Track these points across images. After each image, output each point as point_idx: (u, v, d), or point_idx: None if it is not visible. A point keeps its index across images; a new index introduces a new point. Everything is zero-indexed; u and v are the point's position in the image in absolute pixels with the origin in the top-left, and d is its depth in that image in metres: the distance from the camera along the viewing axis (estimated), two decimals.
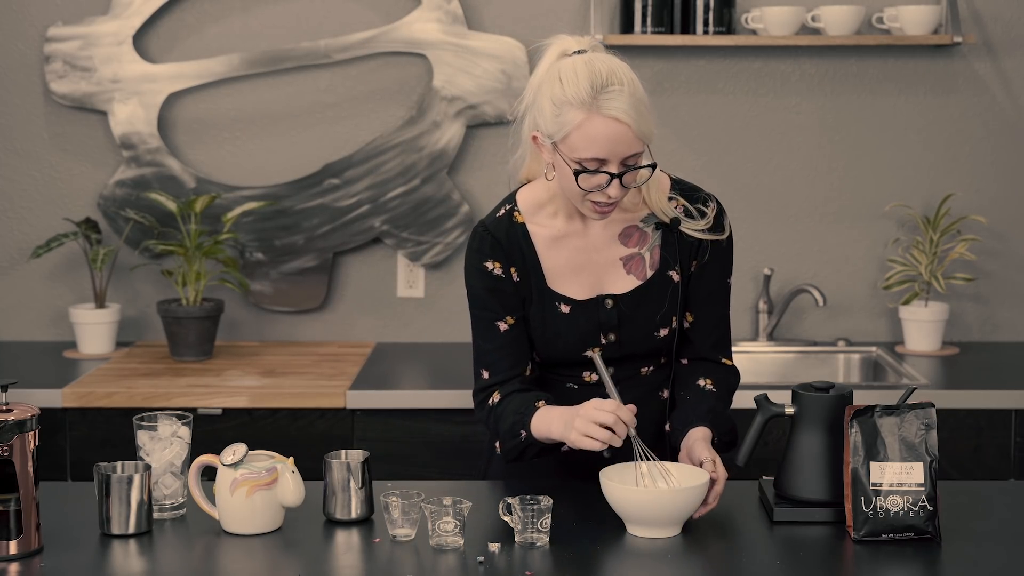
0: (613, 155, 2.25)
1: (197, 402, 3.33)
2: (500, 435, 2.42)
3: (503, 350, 2.42)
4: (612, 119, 2.23)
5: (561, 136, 2.26)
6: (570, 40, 2.33)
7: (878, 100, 3.86)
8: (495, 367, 2.43)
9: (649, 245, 2.44)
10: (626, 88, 2.25)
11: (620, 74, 2.26)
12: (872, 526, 2.19)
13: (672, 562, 2.12)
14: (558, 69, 2.27)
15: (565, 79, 2.25)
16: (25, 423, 2.12)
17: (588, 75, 2.24)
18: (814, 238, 3.91)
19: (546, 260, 2.42)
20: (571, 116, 2.24)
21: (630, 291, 2.42)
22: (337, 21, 3.84)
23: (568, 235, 2.43)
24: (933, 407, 2.24)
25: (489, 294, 2.42)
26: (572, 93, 2.23)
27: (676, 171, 3.99)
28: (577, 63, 2.26)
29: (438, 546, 2.15)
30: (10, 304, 3.94)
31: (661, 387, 2.50)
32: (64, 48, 3.81)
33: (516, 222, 2.43)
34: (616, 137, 2.23)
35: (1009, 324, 3.93)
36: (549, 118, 2.27)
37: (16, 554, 2.13)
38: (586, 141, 2.24)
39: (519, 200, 2.45)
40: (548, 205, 2.43)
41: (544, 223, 2.43)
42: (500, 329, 2.42)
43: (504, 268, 2.41)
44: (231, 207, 3.84)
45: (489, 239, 2.42)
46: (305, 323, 3.95)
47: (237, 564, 2.15)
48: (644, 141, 2.28)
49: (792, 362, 3.83)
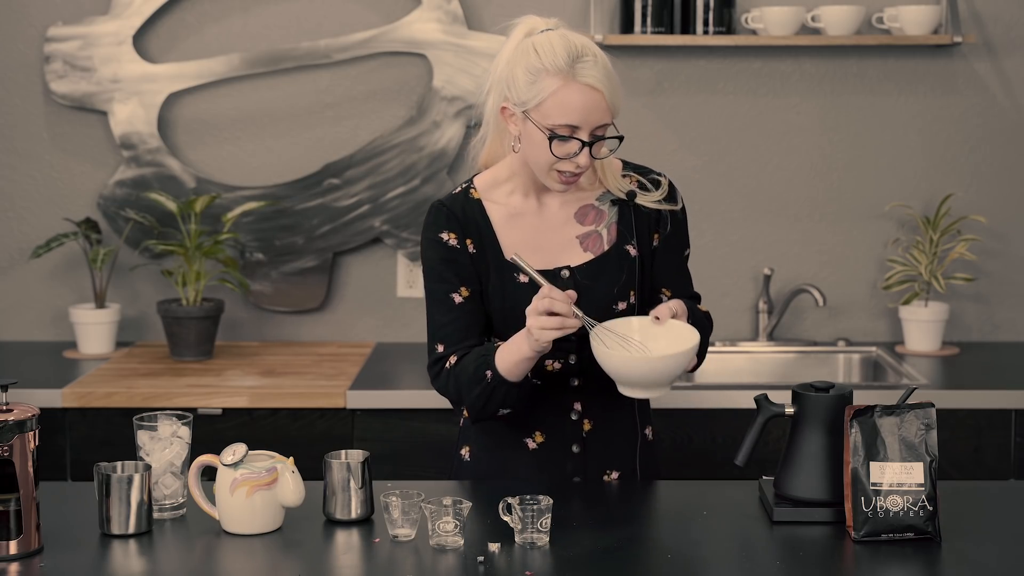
0: (586, 122, 2.31)
1: (197, 402, 3.33)
2: (464, 387, 2.39)
3: (458, 322, 2.43)
4: (588, 86, 2.30)
5: (536, 103, 2.32)
6: (537, 19, 2.40)
7: (878, 100, 3.86)
8: (450, 339, 2.44)
9: (606, 222, 2.47)
10: (599, 59, 2.33)
11: (592, 47, 2.35)
12: (872, 526, 2.19)
13: (672, 562, 2.12)
14: (531, 42, 2.34)
15: (541, 50, 2.32)
16: (25, 423, 2.12)
17: (564, 46, 2.32)
18: (814, 238, 3.91)
19: (503, 236, 2.45)
20: (547, 83, 2.30)
21: (586, 263, 2.45)
22: (337, 21, 3.84)
23: (524, 213, 2.46)
24: (933, 407, 2.24)
25: (445, 265, 2.44)
26: (549, 61, 2.31)
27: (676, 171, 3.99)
28: (551, 36, 2.34)
29: (438, 546, 2.15)
30: (10, 304, 3.94)
31: None
32: (64, 48, 3.81)
33: (472, 198, 2.47)
34: (590, 104, 2.30)
35: (1009, 324, 3.93)
36: (523, 86, 2.33)
37: (16, 554, 2.13)
38: (560, 107, 2.30)
39: (476, 180, 2.50)
40: (506, 184, 2.47)
41: (500, 200, 2.47)
42: (455, 301, 2.43)
43: (460, 239, 2.44)
44: (231, 207, 3.84)
45: (445, 211, 2.46)
46: (305, 323, 3.95)
47: (237, 564, 2.15)
48: (613, 113, 2.34)
49: (792, 362, 3.83)
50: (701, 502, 2.39)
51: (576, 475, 2.49)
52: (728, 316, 3.91)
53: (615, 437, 2.50)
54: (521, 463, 2.49)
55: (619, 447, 2.51)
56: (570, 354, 2.45)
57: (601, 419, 2.49)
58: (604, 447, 2.49)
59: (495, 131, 2.46)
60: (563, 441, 2.48)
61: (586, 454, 2.48)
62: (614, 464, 2.51)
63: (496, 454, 2.51)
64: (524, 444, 2.48)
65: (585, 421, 2.48)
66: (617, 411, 2.50)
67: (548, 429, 2.48)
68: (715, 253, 3.90)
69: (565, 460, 2.48)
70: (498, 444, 2.51)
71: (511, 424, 2.48)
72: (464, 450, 2.56)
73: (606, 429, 2.49)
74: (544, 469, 2.48)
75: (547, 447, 2.48)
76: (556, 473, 2.48)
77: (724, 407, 3.33)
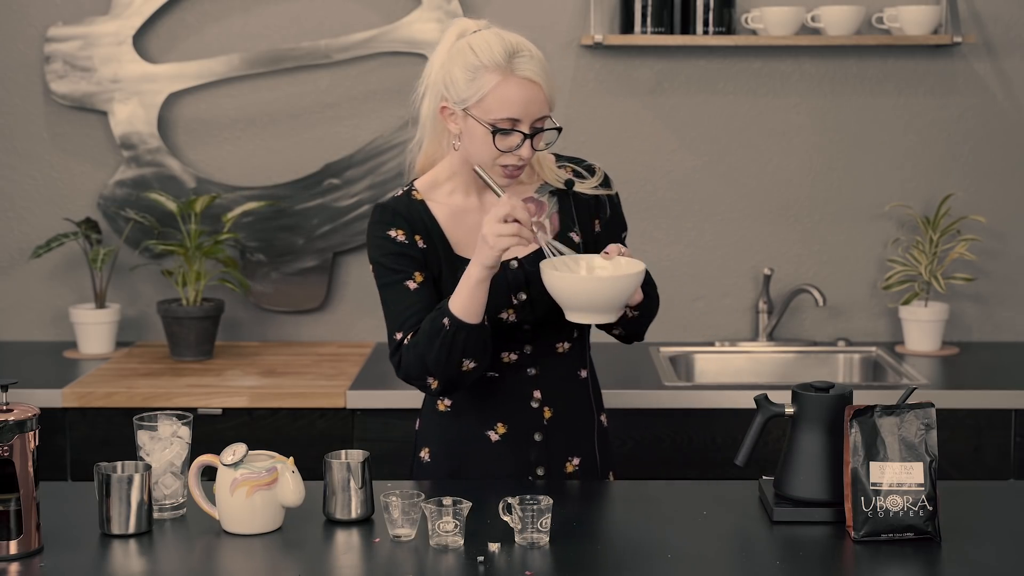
0: (526, 115, 2.36)
1: (197, 402, 3.33)
2: (424, 348, 2.37)
3: (415, 306, 2.43)
4: (526, 80, 2.36)
5: (477, 99, 2.36)
6: (468, 22, 2.46)
7: (878, 100, 3.86)
8: (408, 324, 2.43)
9: (547, 213, 2.51)
10: (535, 54, 2.39)
11: (527, 43, 2.41)
12: (872, 526, 2.19)
13: (672, 562, 2.12)
14: (467, 43, 2.39)
15: (478, 48, 2.37)
16: (25, 423, 2.13)
17: (500, 43, 2.38)
18: (814, 238, 3.91)
19: (449, 232, 2.48)
20: (487, 79, 2.35)
21: (534, 252, 2.47)
22: (337, 21, 3.84)
23: (467, 211, 2.49)
24: (933, 407, 2.24)
25: (395, 258, 2.45)
26: (487, 58, 2.36)
27: (676, 171, 3.99)
28: (486, 35, 2.40)
29: (438, 546, 2.15)
30: (10, 304, 3.94)
31: (578, 366, 2.56)
32: (64, 48, 3.81)
33: (415, 199, 2.49)
34: (529, 97, 2.36)
35: (1009, 324, 3.93)
36: (463, 85, 2.37)
37: (16, 554, 2.13)
38: (501, 102, 2.35)
39: (416, 183, 2.53)
40: (446, 184, 2.50)
41: (442, 200, 2.50)
42: (410, 288, 2.44)
43: (408, 235, 2.46)
44: (231, 207, 3.84)
45: (390, 211, 2.48)
46: (305, 323, 3.95)
47: (237, 564, 2.15)
48: (550, 105, 2.40)
49: (792, 362, 3.83)
50: (701, 502, 2.39)
51: (539, 464, 2.52)
52: (728, 316, 3.92)
53: (574, 423, 2.55)
54: (484, 456, 2.51)
55: (579, 434, 2.55)
56: (525, 344, 2.49)
57: (560, 406, 2.52)
58: (565, 435, 2.53)
59: (431, 134, 2.50)
60: (526, 430, 2.51)
61: (548, 442, 2.52)
62: (575, 451, 2.55)
63: (457, 450, 2.53)
64: (486, 437, 2.51)
65: (546, 409, 2.52)
66: (575, 397, 2.55)
67: (510, 419, 2.51)
68: (715, 253, 3.90)
69: (528, 449, 2.51)
70: (459, 439, 2.53)
71: (472, 418, 2.51)
72: (424, 452, 2.58)
73: (566, 416, 2.53)
74: (507, 460, 2.51)
75: (510, 437, 2.51)
76: (520, 463, 2.51)
77: (724, 407, 3.33)
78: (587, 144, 3.80)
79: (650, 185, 3.87)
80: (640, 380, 3.47)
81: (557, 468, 2.53)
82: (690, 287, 3.90)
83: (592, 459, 2.57)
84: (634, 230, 3.88)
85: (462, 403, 2.53)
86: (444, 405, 2.54)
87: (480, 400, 2.51)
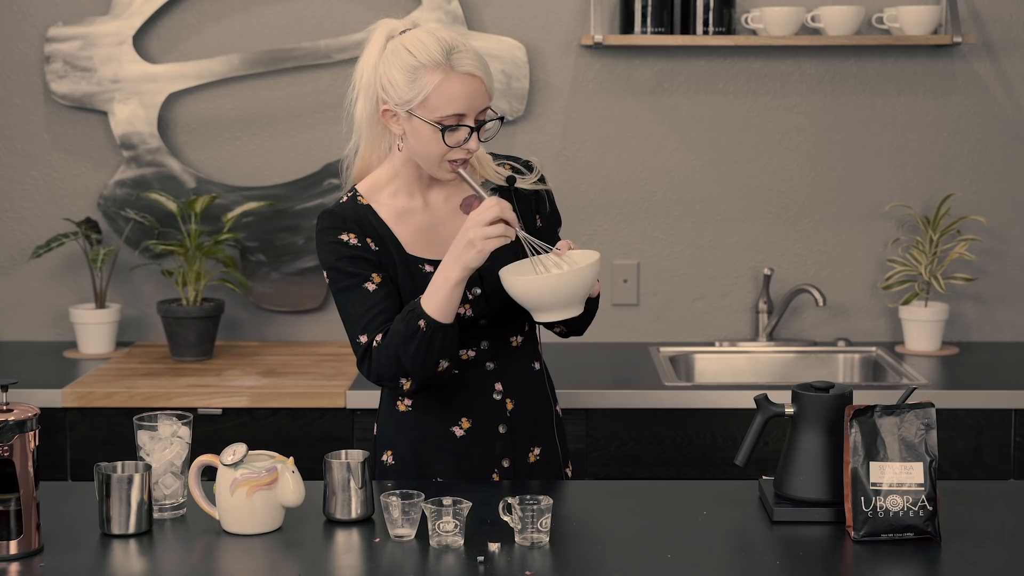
0: (471, 109, 2.38)
1: (197, 402, 3.33)
2: (400, 349, 2.36)
3: (378, 307, 2.43)
4: (467, 75, 2.37)
5: (420, 100, 2.37)
6: (395, 22, 2.46)
7: (878, 100, 3.86)
8: (371, 326, 2.42)
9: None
10: (471, 48, 2.41)
11: (460, 38, 2.42)
12: (872, 526, 2.19)
13: (672, 562, 2.12)
14: (400, 43, 2.39)
15: (414, 48, 2.38)
16: (25, 423, 2.13)
17: (435, 41, 2.38)
18: (814, 238, 3.91)
19: (398, 233, 2.49)
20: (428, 78, 2.36)
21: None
22: (337, 21, 3.84)
23: (412, 211, 2.50)
24: (933, 407, 2.24)
25: (350, 261, 2.45)
26: (425, 57, 2.36)
27: (676, 171, 3.99)
28: (419, 34, 2.40)
29: (438, 546, 2.15)
30: (10, 304, 3.94)
31: (531, 358, 2.59)
32: (64, 48, 3.81)
33: (361, 204, 2.50)
34: (472, 91, 2.38)
35: (1009, 324, 3.93)
36: (403, 86, 2.38)
37: (16, 554, 2.13)
38: (445, 99, 2.36)
39: (359, 187, 2.53)
40: (388, 186, 2.51)
41: (386, 202, 2.50)
42: (369, 289, 2.44)
43: (360, 238, 2.46)
44: (231, 207, 3.84)
45: (339, 216, 2.48)
46: (305, 323, 3.95)
47: (237, 564, 2.15)
48: (491, 96, 2.42)
49: (792, 362, 3.83)
50: (701, 502, 2.39)
51: (504, 456, 2.53)
52: (728, 316, 3.92)
53: (535, 414, 2.57)
54: (450, 453, 2.52)
55: (539, 424, 2.58)
56: (481, 340, 2.51)
57: (521, 397, 2.55)
58: (527, 426, 2.56)
59: (368, 138, 2.49)
60: (490, 423, 2.53)
61: (512, 434, 2.54)
62: (536, 441, 2.57)
63: (421, 448, 2.53)
64: (451, 433, 2.52)
65: (508, 400, 2.54)
66: (533, 389, 2.57)
67: (474, 413, 2.52)
68: (715, 253, 3.90)
69: (493, 442, 2.53)
70: (423, 438, 2.53)
71: (434, 416, 2.52)
72: (386, 455, 2.57)
73: (527, 407, 2.56)
74: (473, 455, 2.52)
75: (475, 431, 2.52)
76: (486, 457, 2.52)
77: (724, 407, 3.33)
78: (587, 144, 3.80)
79: (650, 185, 3.87)
80: (640, 380, 3.47)
81: (521, 459, 2.55)
82: (690, 287, 3.90)
83: (553, 448, 2.59)
84: (634, 230, 3.89)
85: (423, 402, 2.53)
86: (404, 406, 2.55)
87: (442, 397, 2.51)
